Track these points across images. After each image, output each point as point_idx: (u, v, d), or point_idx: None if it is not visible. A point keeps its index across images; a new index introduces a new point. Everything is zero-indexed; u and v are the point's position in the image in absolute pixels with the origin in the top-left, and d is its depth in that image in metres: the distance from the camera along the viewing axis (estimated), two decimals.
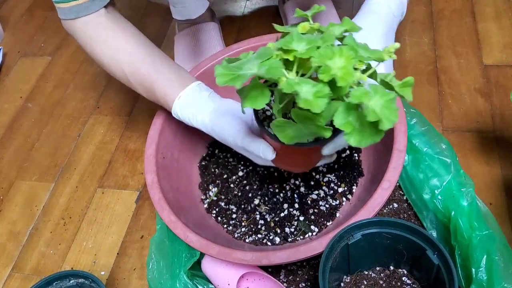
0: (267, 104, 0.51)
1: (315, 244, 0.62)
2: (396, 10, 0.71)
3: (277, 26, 0.54)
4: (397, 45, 0.49)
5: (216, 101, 0.71)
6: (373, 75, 0.51)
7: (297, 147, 0.56)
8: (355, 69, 0.47)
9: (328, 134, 0.50)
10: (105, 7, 0.74)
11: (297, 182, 0.80)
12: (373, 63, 0.52)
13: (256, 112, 0.60)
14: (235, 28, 1.21)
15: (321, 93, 0.45)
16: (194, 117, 0.71)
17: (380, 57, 0.50)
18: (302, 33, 0.51)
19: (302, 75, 0.49)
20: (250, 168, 0.83)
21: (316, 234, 0.74)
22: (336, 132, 0.53)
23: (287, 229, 0.75)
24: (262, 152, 0.63)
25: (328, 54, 0.46)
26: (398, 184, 0.78)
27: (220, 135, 0.69)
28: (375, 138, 0.47)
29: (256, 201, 0.79)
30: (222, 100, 0.72)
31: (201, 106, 0.71)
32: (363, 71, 0.50)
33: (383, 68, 0.68)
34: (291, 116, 0.51)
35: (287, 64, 0.48)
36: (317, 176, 0.80)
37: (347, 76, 0.45)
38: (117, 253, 0.86)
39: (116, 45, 0.74)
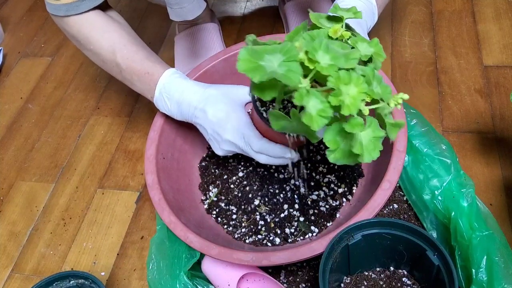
0: None
1: (315, 245, 0.62)
2: (365, 15, 0.71)
3: (311, 15, 0.54)
4: (406, 96, 0.49)
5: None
6: (378, 109, 0.50)
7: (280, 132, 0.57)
8: (362, 100, 0.47)
9: (314, 140, 0.52)
10: (100, 9, 0.75)
11: (297, 183, 0.80)
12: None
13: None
14: (235, 29, 1.21)
15: (325, 113, 0.45)
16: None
17: (387, 98, 0.49)
18: (331, 38, 0.51)
19: (315, 81, 0.49)
20: (250, 168, 0.83)
21: (316, 235, 0.74)
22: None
23: (287, 230, 0.75)
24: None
25: (345, 79, 0.46)
26: (398, 184, 0.78)
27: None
28: (350, 162, 0.48)
29: (256, 202, 0.79)
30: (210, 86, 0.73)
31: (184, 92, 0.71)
32: (370, 103, 0.49)
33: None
34: (288, 111, 0.51)
35: (305, 68, 0.48)
36: (317, 177, 0.80)
37: (353, 107, 0.46)
38: (117, 254, 0.86)
39: (103, 28, 0.76)
